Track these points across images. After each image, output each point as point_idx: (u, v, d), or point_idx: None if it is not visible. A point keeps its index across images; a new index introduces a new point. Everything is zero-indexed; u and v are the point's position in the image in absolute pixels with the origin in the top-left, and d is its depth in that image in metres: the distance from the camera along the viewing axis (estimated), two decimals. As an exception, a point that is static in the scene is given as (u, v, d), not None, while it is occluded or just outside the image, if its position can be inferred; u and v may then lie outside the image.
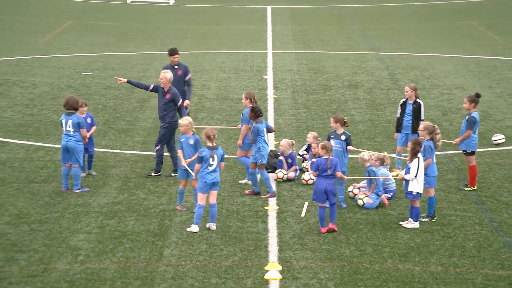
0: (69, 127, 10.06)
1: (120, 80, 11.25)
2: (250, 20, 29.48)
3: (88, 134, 10.47)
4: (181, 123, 9.56)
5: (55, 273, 7.76)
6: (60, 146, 10.65)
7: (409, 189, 9.16)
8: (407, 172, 9.20)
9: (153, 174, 10.86)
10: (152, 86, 11.13)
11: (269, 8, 33.04)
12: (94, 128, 11.01)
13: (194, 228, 8.98)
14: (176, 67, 12.21)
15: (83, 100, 10.78)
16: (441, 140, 9.70)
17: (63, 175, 10.16)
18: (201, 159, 8.90)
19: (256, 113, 10.22)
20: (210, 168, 8.92)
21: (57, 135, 12.58)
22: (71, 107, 10.12)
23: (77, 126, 10.09)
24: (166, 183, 10.70)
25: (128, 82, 11.35)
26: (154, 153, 11.10)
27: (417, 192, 9.18)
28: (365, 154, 10.05)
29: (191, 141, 9.44)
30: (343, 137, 10.05)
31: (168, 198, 10.10)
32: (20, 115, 14.20)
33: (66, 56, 20.50)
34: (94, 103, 15.30)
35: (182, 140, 9.47)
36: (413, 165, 9.12)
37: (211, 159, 8.90)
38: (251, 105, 10.46)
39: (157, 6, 32.69)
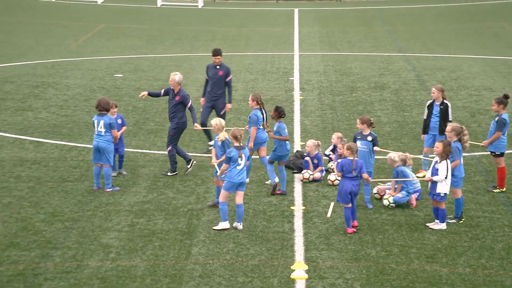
0: (101, 128, 10.17)
1: (143, 95, 11.32)
2: (277, 22, 29.46)
3: (118, 134, 10.57)
4: (212, 123, 9.63)
5: (88, 269, 7.85)
6: (91, 146, 10.78)
7: (437, 191, 9.02)
8: (435, 174, 9.05)
9: (169, 174, 10.94)
10: (163, 91, 11.25)
11: (296, 11, 32.97)
12: (124, 128, 11.11)
13: (225, 224, 8.97)
14: (218, 67, 12.23)
15: (113, 102, 10.90)
16: (469, 142, 9.53)
17: (95, 174, 10.27)
18: (229, 160, 8.91)
19: (280, 113, 10.25)
20: (238, 168, 8.93)
21: (89, 136, 12.75)
22: (103, 108, 10.23)
23: (109, 126, 10.20)
24: (194, 182, 10.74)
25: (149, 94, 11.42)
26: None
27: (445, 194, 9.05)
28: (395, 154, 9.91)
29: (219, 142, 9.48)
30: (369, 138, 9.96)
31: (196, 198, 10.13)
32: (55, 116, 14.44)
33: (98, 59, 20.77)
34: (125, 104, 15.46)
35: (215, 139, 9.56)
36: (443, 166, 8.98)
37: (239, 159, 8.89)
38: (257, 107, 10.47)
39: (187, 9, 32.91)
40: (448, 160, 9.00)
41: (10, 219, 9.19)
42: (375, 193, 10.22)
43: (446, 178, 8.96)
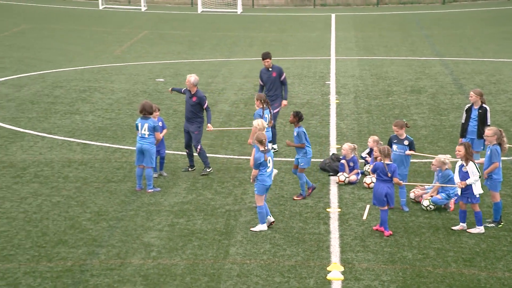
0: (145, 130, 10.32)
1: (169, 90, 11.64)
2: (314, 27, 29.36)
3: (160, 137, 10.71)
4: (254, 123, 9.69)
5: (131, 267, 7.97)
6: (134, 148, 10.96)
7: (476, 192, 8.82)
8: (465, 177, 8.87)
9: (207, 170, 11.07)
10: (183, 89, 11.44)
11: (333, 16, 32.79)
12: (165, 131, 11.26)
13: (263, 227, 9.00)
14: (270, 69, 12.26)
15: (156, 105, 11.06)
16: (507, 145, 9.30)
17: (137, 176, 10.44)
18: (259, 165, 8.92)
19: (300, 118, 10.20)
20: (268, 171, 8.97)
21: (132, 138, 12.97)
22: (147, 112, 10.39)
23: (152, 129, 10.35)
24: (232, 184, 10.79)
25: (173, 90, 11.66)
26: (215, 155, 11.20)
27: (479, 195, 8.86)
28: (445, 157, 9.74)
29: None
30: (406, 142, 9.84)
31: (234, 199, 10.18)
32: (100, 119, 14.74)
33: (141, 64, 21.12)
34: (166, 108, 15.66)
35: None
36: (471, 168, 8.82)
37: (267, 163, 8.92)
38: (261, 106, 10.78)
39: (226, 15, 33.14)
40: (473, 160, 8.83)
41: (59, 217, 9.43)
42: (412, 198, 10.06)
43: (479, 178, 8.77)
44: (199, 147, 11.03)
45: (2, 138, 13.08)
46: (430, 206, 9.71)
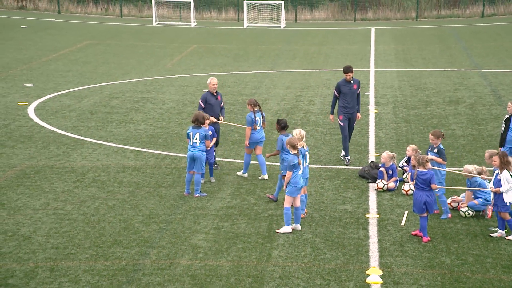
0: (196, 139, 10.42)
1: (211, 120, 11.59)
2: (355, 40, 29.12)
3: (210, 145, 10.81)
4: (293, 132, 9.67)
5: (179, 267, 8.05)
6: (184, 155, 11.08)
7: (506, 200, 8.56)
8: (498, 185, 8.60)
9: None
10: (201, 102, 11.68)
11: (373, 29, 32.45)
12: (214, 139, 11.33)
13: (288, 228, 8.96)
14: (351, 82, 12.22)
15: (206, 114, 11.15)
16: None
17: (186, 181, 10.55)
18: (292, 167, 8.91)
19: (281, 125, 10.22)
20: (300, 173, 8.94)
21: (181, 145, 13.15)
22: (199, 122, 10.52)
23: (203, 138, 10.46)
24: (275, 190, 10.79)
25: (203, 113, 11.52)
26: (256, 161, 11.27)
27: (510, 203, 8.60)
28: (472, 166, 9.53)
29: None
30: (435, 150, 9.67)
31: (276, 204, 10.17)
32: (152, 128, 15.01)
33: (190, 76, 21.43)
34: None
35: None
36: (506, 176, 8.59)
37: (299, 166, 8.90)
38: (253, 110, 11.03)
39: (270, 30, 33.29)
40: (508, 170, 8.59)
41: (114, 219, 9.63)
42: (448, 203, 9.84)
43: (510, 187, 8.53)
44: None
45: (64, 145, 13.50)
46: (468, 211, 9.46)
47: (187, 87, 19.69)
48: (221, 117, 11.65)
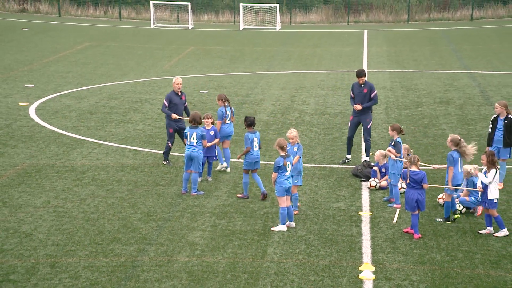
0: (193, 139, 10.38)
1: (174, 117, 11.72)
2: (348, 42, 29.16)
3: (209, 144, 10.75)
4: (288, 132, 9.70)
5: (177, 264, 8.04)
6: (182, 154, 11.07)
7: (489, 197, 8.65)
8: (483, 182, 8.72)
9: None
10: (166, 102, 11.60)
11: (365, 32, 32.50)
12: (217, 140, 11.12)
13: (283, 227, 8.97)
14: (362, 85, 12.00)
15: (208, 113, 11.08)
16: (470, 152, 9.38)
17: (184, 180, 10.53)
18: (278, 169, 8.91)
19: (248, 122, 10.27)
20: (286, 174, 8.92)
21: (179, 145, 13.12)
22: (196, 122, 10.49)
23: (200, 137, 10.42)
24: (270, 188, 10.79)
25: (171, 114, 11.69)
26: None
27: (496, 199, 8.66)
28: (471, 167, 9.56)
29: (295, 149, 9.52)
30: (392, 143, 9.91)
31: (271, 202, 10.17)
32: (150, 128, 14.98)
33: (187, 77, 21.40)
34: (210, 118, 15.78)
35: (288, 148, 9.56)
36: (491, 174, 8.69)
37: (286, 167, 8.89)
38: (223, 105, 11.19)
39: (265, 32, 33.29)
40: (495, 168, 8.69)
41: (113, 217, 9.62)
42: (438, 198, 9.88)
43: (491, 182, 8.62)
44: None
45: (64, 145, 13.46)
46: (457, 210, 9.51)
47: (185, 88, 19.58)
48: (175, 115, 11.72)
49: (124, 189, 10.74)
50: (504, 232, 8.75)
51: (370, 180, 10.80)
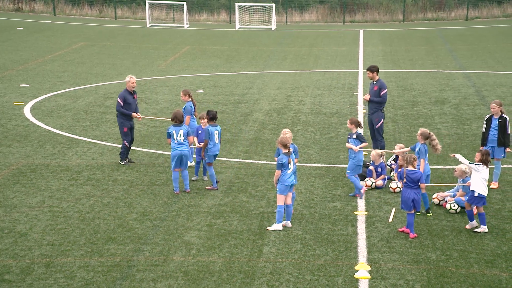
0: (180, 136, 10.38)
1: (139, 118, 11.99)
2: (344, 42, 29.19)
3: (194, 141, 10.77)
4: (282, 132, 9.74)
5: (173, 263, 8.03)
6: (167, 153, 11.00)
7: (471, 188, 8.78)
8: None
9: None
10: (121, 100, 11.68)
11: (361, 31, 32.54)
12: (207, 141, 11.08)
13: (279, 226, 8.98)
14: (374, 82, 11.91)
15: (204, 113, 11.04)
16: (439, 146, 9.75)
17: (175, 179, 10.43)
18: (281, 166, 8.92)
19: (210, 116, 10.56)
20: (289, 172, 8.94)
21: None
22: (179, 120, 10.48)
23: (187, 134, 10.46)
24: (265, 188, 10.80)
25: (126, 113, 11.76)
26: (250, 161, 11.24)
27: (479, 194, 8.76)
28: (465, 167, 9.60)
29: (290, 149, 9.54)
30: (354, 136, 10.18)
31: (267, 202, 10.18)
32: (146, 127, 14.95)
33: (183, 76, 21.38)
34: (205, 117, 15.76)
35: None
36: (480, 167, 8.81)
37: (289, 164, 8.91)
38: (189, 100, 11.33)
39: (261, 31, 33.29)
40: (487, 166, 8.78)
41: (108, 217, 9.59)
42: (433, 198, 9.92)
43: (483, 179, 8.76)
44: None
45: (60, 144, 13.42)
46: (453, 208, 9.56)
47: (180, 87, 19.62)
48: (138, 114, 11.88)
49: (120, 189, 10.72)
50: (483, 228, 8.85)
51: (366, 180, 10.81)
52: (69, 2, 39.18)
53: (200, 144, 10.71)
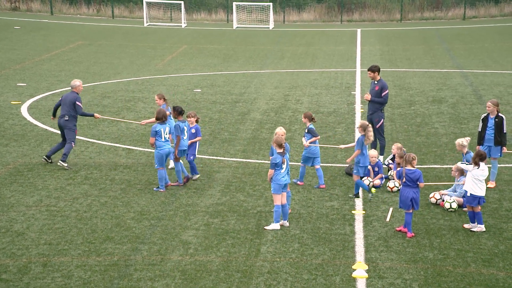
0: (166, 134, 10.43)
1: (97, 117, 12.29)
2: (341, 41, 29.21)
3: (192, 141, 10.84)
4: (276, 130, 9.73)
5: (170, 263, 8.02)
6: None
7: (464, 188, 8.84)
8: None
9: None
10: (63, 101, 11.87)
11: (359, 31, 32.56)
12: (198, 138, 11.07)
13: (276, 226, 8.98)
14: (375, 82, 11.85)
15: (194, 112, 11.10)
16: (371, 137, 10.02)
17: (162, 178, 10.40)
18: (274, 165, 8.93)
19: (177, 111, 10.71)
20: (282, 172, 8.94)
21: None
22: (163, 117, 10.48)
23: (169, 132, 10.52)
24: (263, 187, 10.80)
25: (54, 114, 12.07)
26: (247, 160, 11.24)
27: (480, 196, 8.79)
28: (463, 139, 9.88)
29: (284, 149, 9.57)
30: (306, 130, 10.52)
31: (264, 201, 10.18)
32: (143, 127, 14.91)
33: (180, 76, 21.36)
34: (202, 116, 15.78)
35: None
36: (475, 168, 8.85)
37: (282, 164, 8.92)
38: (164, 103, 11.52)
39: (258, 31, 33.28)
40: (479, 166, 8.81)
41: (106, 216, 9.58)
42: (430, 197, 9.94)
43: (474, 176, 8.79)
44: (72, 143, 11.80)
45: (57, 143, 13.38)
46: (451, 209, 9.57)
47: (178, 86, 19.62)
48: (96, 114, 12.22)
49: (117, 188, 10.70)
50: (480, 228, 8.89)
51: (363, 179, 10.82)
52: (66, 1, 39.10)
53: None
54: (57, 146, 11.93)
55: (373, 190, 10.16)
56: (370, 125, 10.05)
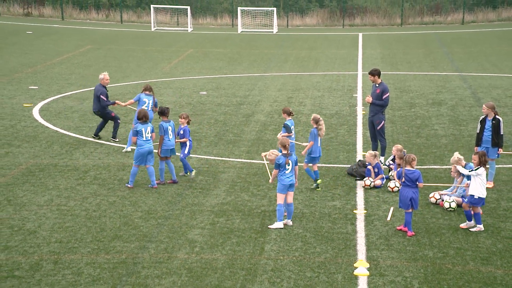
0: (148, 133, 10.53)
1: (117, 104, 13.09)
2: (343, 45, 29.19)
3: (178, 141, 10.93)
4: (278, 135, 9.83)
5: (176, 261, 8.04)
6: (179, 154, 11.05)
7: (469, 192, 8.78)
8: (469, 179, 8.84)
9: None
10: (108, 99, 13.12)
11: (360, 35, 32.53)
12: (185, 139, 11.05)
13: (280, 224, 8.98)
14: (377, 85, 11.82)
15: (186, 114, 11.13)
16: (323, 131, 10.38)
17: (134, 174, 10.53)
18: (278, 166, 8.95)
19: (161, 112, 10.90)
20: (287, 172, 8.94)
21: (177, 145, 13.12)
22: (146, 117, 10.56)
23: (152, 131, 10.62)
24: (267, 187, 10.80)
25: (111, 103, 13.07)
26: (252, 161, 11.25)
27: (479, 197, 8.73)
28: (458, 154, 9.76)
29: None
30: (283, 125, 10.79)
31: (268, 201, 10.18)
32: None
33: (186, 79, 21.39)
34: (208, 118, 15.81)
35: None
36: (479, 170, 8.79)
37: (286, 165, 8.91)
38: (151, 93, 11.98)
39: (263, 35, 33.30)
40: (484, 167, 8.80)
41: (114, 215, 9.61)
42: (430, 197, 9.92)
43: (471, 175, 8.77)
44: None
45: (67, 145, 13.44)
46: (451, 206, 9.56)
47: (184, 89, 19.65)
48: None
49: (125, 188, 10.73)
50: (470, 224, 8.86)
51: (364, 179, 10.81)
52: (76, 6, 39.26)
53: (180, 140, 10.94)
54: (101, 124, 13.21)
55: (318, 181, 10.42)
56: (321, 118, 10.36)
